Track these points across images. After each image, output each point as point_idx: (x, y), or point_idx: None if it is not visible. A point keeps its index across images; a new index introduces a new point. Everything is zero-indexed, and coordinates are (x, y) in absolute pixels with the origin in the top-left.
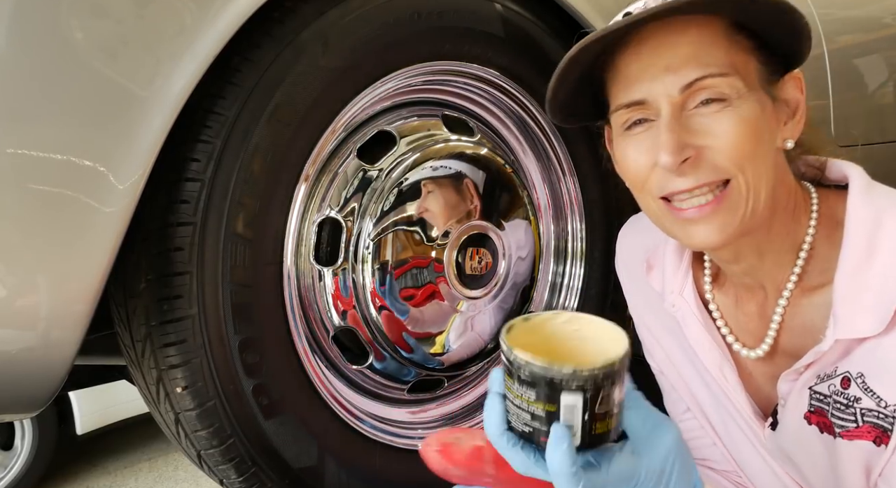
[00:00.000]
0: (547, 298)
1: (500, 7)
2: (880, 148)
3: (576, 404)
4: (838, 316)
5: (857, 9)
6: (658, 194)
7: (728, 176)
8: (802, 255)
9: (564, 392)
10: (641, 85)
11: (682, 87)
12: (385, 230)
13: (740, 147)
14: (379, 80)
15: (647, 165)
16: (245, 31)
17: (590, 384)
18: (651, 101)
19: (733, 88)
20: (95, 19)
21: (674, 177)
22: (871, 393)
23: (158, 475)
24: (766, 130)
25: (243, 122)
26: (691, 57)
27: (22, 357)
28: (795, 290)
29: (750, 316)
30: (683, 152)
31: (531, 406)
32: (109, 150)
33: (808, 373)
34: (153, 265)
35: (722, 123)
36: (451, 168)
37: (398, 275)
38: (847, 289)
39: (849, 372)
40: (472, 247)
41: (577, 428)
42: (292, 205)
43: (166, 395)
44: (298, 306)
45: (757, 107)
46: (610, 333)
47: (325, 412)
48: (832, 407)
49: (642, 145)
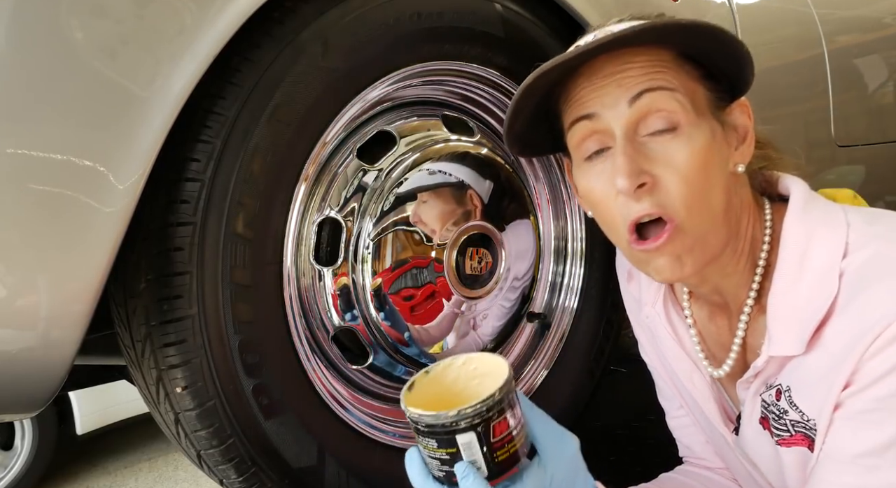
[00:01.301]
0: (547, 298)
1: (500, 7)
2: (880, 148)
3: (471, 441)
4: (771, 334)
5: (857, 9)
6: (624, 224)
7: (677, 218)
8: (759, 272)
9: (458, 434)
10: (593, 100)
11: (631, 98)
12: (385, 230)
13: (692, 184)
14: (379, 80)
15: (609, 193)
16: (245, 31)
17: (477, 420)
18: (602, 116)
19: (683, 109)
20: (95, 19)
21: (632, 203)
22: (795, 406)
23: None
24: (717, 158)
25: (243, 122)
26: (641, 74)
27: (22, 357)
28: (755, 308)
29: (721, 328)
30: (640, 177)
31: (436, 453)
32: (109, 150)
33: (757, 382)
34: (153, 265)
35: (675, 152)
36: (451, 168)
37: (398, 274)
38: (778, 309)
39: (780, 384)
40: (472, 247)
41: (481, 461)
42: (292, 205)
43: (166, 395)
44: (298, 306)
45: (708, 134)
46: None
47: (325, 412)
48: (772, 416)
49: (602, 175)
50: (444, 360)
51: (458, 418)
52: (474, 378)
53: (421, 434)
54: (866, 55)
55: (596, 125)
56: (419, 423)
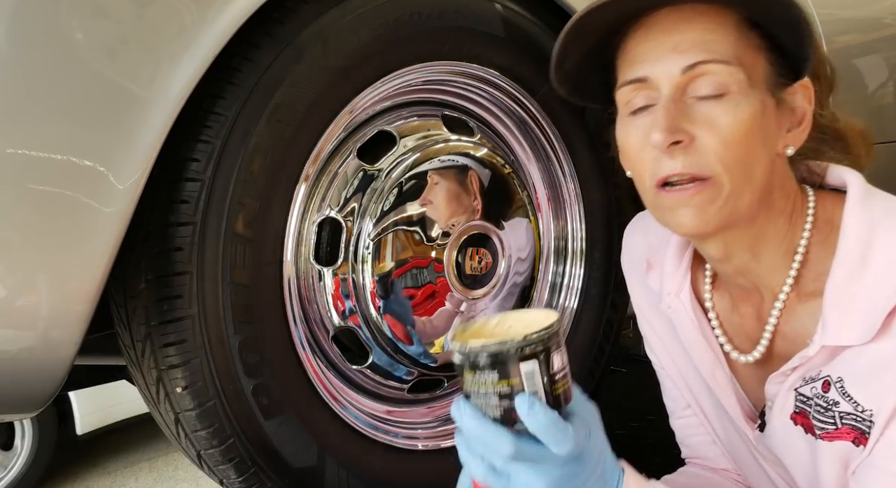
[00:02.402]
0: (547, 298)
1: (500, 7)
2: (880, 148)
3: (534, 369)
4: (827, 322)
5: (857, 9)
6: (652, 180)
7: (712, 174)
8: (797, 259)
9: (521, 362)
10: (646, 63)
11: (685, 68)
12: (385, 230)
13: (731, 147)
14: (379, 80)
15: (642, 147)
16: (245, 32)
17: (540, 347)
18: (653, 79)
19: (735, 80)
20: (95, 19)
21: (665, 160)
22: (849, 397)
23: (158, 475)
24: (763, 133)
25: (243, 122)
26: (698, 42)
27: (22, 357)
28: (791, 294)
29: (746, 318)
30: (676, 134)
31: (496, 386)
32: (109, 150)
33: (795, 376)
34: (153, 265)
35: (719, 116)
36: (451, 168)
37: (398, 274)
38: (837, 297)
39: (829, 376)
40: (472, 247)
41: (542, 393)
42: (292, 205)
43: (166, 395)
44: (298, 306)
45: (757, 106)
46: (536, 314)
47: (325, 412)
48: (813, 409)
49: (640, 128)
50: (477, 320)
51: (525, 344)
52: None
53: (478, 370)
54: (866, 55)
55: (646, 85)
56: (480, 355)
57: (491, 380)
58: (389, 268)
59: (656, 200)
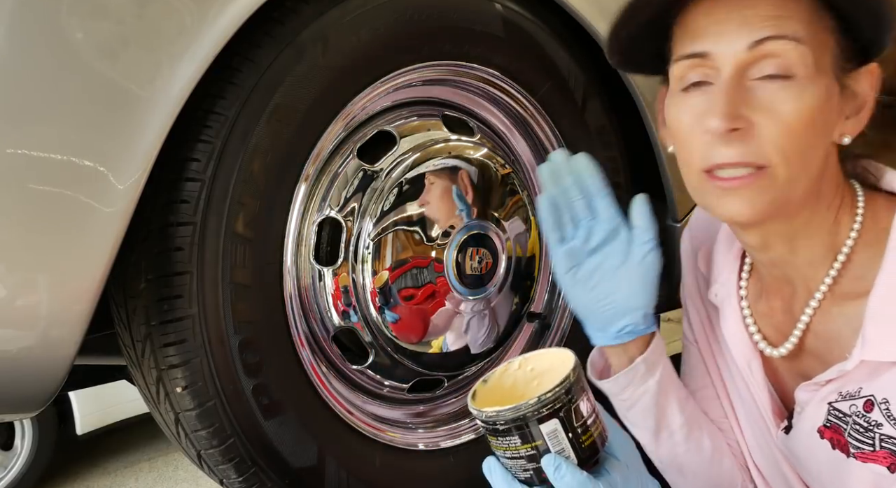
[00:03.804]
0: (547, 298)
1: (500, 7)
2: None
3: (556, 428)
4: (867, 336)
5: None
6: (702, 165)
7: (769, 163)
8: (840, 259)
9: (541, 423)
10: (708, 37)
11: (752, 43)
12: (385, 230)
13: (793, 136)
14: (379, 80)
15: (696, 130)
16: (245, 32)
17: (559, 404)
18: (715, 56)
19: (803, 62)
20: (95, 19)
21: (719, 147)
22: (895, 420)
23: (158, 475)
24: (825, 121)
25: (243, 122)
26: (770, 17)
27: (22, 357)
28: (828, 294)
29: (774, 310)
30: (735, 121)
31: (520, 450)
32: (109, 150)
33: (829, 388)
34: (153, 265)
35: (783, 103)
36: (451, 168)
37: (398, 274)
38: (881, 311)
39: (873, 395)
40: (472, 247)
41: (569, 450)
42: (292, 205)
43: (166, 395)
44: (298, 306)
45: (823, 93)
46: (560, 357)
47: (325, 412)
48: (850, 428)
49: (696, 108)
50: (498, 367)
51: (540, 405)
52: (533, 379)
53: (499, 435)
54: None
55: (706, 62)
56: (498, 422)
57: (514, 445)
58: (389, 268)
59: (702, 185)
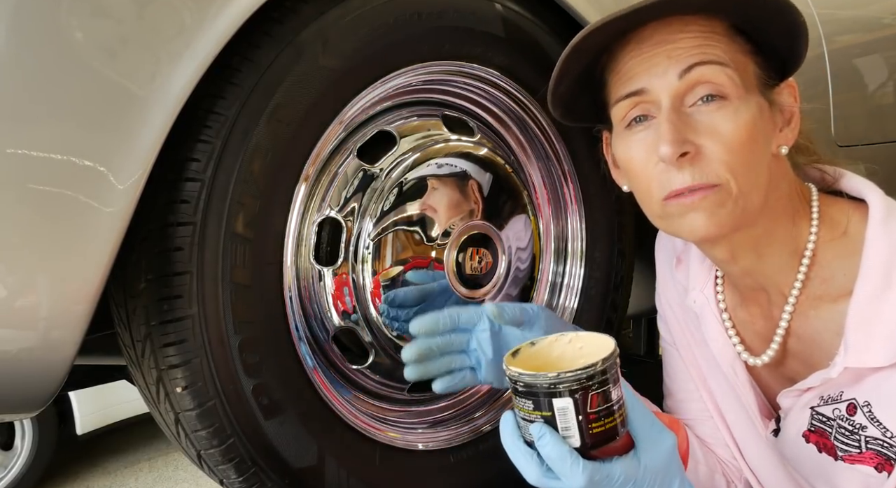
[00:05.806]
0: (547, 298)
1: (500, 7)
2: (880, 148)
3: (567, 407)
4: (849, 343)
5: (857, 9)
6: (661, 194)
7: (721, 181)
8: (805, 261)
9: (555, 397)
10: (641, 75)
11: (682, 71)
12: (385, 230)
13: (737, 152)
14: (379, 80)
15: (649, 162)
16: (245, 31)
17: (576, 386)
18: (651, 91)
19: (732, 83)
20: (95, 19)
21: (674, 173)
22: (878, 422)
23: (158, 475)
24: (763, 134)
25: (243, 122)
26: (692, 47)
27: (22, 357)
28: (801, 298)
29: (754, 317)
30: (683, 145)
31: (531, 415)
32: (109, 150)
33: (811, 394)
34: (153, 265)
35: (721, 123)
36: (451, 168)
37: (398, 274)
38: (860, 318)
39: (855, 399)
40: (472, 246)
41: (574, 430)
42: (292, 205)
43: (166, 395)
44: (298, 306)
45: (755, 109)
46: (606, 345)
47: (325, 412)
48: (836, 431)
49: (644, 141)
50: (551, 335)
51: (557, 381)
52: (581, 357)
53: (519, 394)
54: (866, 55)
55: (643, 98)
56: (519, 383)
57: (527, 408)
58: (389, 268)
59: (664, 210)
